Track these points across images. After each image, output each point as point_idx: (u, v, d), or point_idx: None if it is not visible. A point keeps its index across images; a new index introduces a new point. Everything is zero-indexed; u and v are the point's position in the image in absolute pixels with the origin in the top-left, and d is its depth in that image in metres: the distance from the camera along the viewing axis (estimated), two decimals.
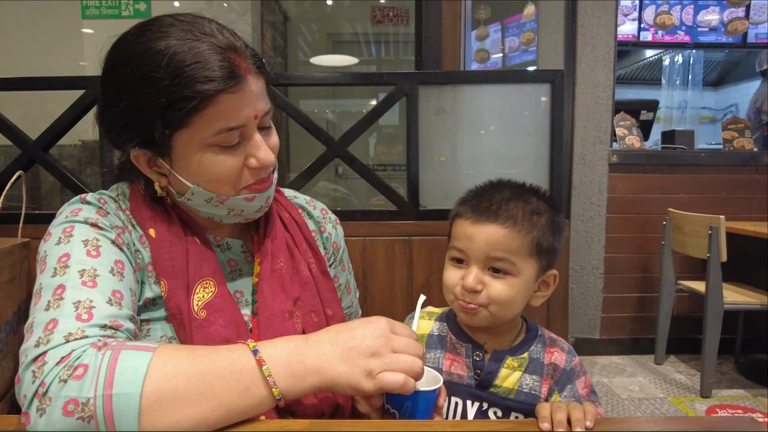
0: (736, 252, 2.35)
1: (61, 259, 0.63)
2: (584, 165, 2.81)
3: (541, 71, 1.27)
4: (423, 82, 1.24)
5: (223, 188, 0.70)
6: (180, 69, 0.62)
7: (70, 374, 0.52)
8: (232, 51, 0.65)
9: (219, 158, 0.67)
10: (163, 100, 0.63)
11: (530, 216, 0.73)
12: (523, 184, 0.79)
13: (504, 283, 0.72)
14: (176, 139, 0.67)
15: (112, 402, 0.51)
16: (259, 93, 0.69)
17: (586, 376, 0.77)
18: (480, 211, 0.73)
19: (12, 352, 1.02)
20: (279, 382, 0.57)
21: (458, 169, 1.33)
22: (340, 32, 4.48)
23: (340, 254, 0.93)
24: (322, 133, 1.25)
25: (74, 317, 0.57)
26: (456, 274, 0.74)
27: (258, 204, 0.74)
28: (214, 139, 0.66)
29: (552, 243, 0.75)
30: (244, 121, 0.67)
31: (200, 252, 0.73)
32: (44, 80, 1.25)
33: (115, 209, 0.73)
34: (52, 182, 3.04)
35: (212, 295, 0.71)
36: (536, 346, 0.77)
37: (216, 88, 0.62)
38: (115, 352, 0.54)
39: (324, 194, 2.29)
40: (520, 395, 0.74)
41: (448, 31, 1.99)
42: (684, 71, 4.77)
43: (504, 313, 0.73)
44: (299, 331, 0.76)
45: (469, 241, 0.73)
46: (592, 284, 2.87)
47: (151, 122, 0.64)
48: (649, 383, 2.52)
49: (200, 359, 0.56)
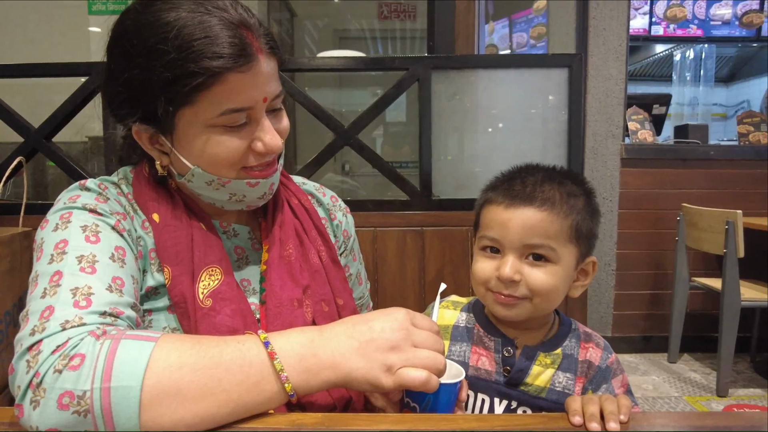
0: (751, 248, 2.29)
1: (58, 245, 0.60)
2: (596, 159, 2.76)
3: (559, 55, 1.22)
4: (436, 67, 1.20)
5: (224, 170, 0.66)
6: (188, 43, 0.58)
7: (65, 364, 0.48)
8: (245, 28, 0.62)
9: (222, 139, 0.64)
10: (167, 75, 0.59)
11: (567, 198, 0.68)
12: (554, 167, 0.74)
13: (544, 271, 0.66)
14: (179, 117, 0.63)
15: (110, 395, 0.47)
16: (270, 74, 0.65)
17: (623, 374, 0.73)
18: (514, 194, 0.68)
19: (12, 344, 0.99)
20: (291, 377, 0.53)
21: (472, 157, 1.29)
22: (347, 28, 4.45)
23: (351, 243, 0.89)
24: (331, 119, 1.21)
25: (71, 304, 0.54)
26: (489, 265, 0.69)
27: (261, 191, 0.70)
28: (219, 119, 0.62)
29: (591, 227, 0.70)
30: (251, 103, 0.63)
31: (206, 238, 0.70)
32: (47, 66, 1.22)
33: (116, 194, 0.70)
34: (58, 175, 3.03)
35: (218, 282, 0.67)
36: (570, 342, 0.73)
37: (224, 66, 0.59)
38: (115, 342, 0.50)
39: (331, 186, 2.25)
40: (552, 394, 0.69)
41: (462, 15, 1.95)
42: (695, 67, 4.69)
43: (547, 304, 0.68)
44: (309, 320, 0.72)
45: (503, 228, 0.67)
46: (603, 281, 2.82)
47: (155, 98, 0.61)
48: (663, 382, 2.47)
49: (206, 351, 0.51)
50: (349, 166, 3.80)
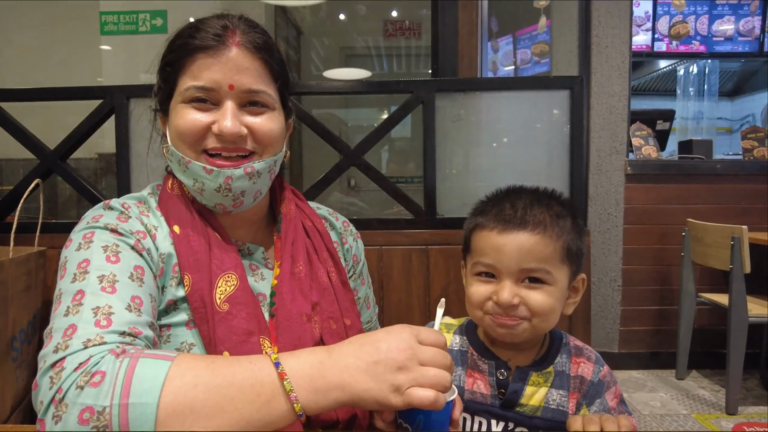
0: (756, 263, 2.29)
1: (80, 264, 0.63)
2: (600, 175, 2.77)
3: (560, 77, 1.25)
4: (440, 89, 1.23)
5: (186, 149, 0.71)
6: (181, 31, 0.73)
7: (87, 381, 0.50)
8: (230, 25, 0.72)
9: (187, 112, 0.71)
10: (167, 58, 0.73)
11: (557, 220, 0.70)
12: (537, 188, 0.75)
13: (542, 292, 0.68)
14: (173, 100, 0.73)
15: (128, 411, 0.49)
16: (246, 68, 0.70)
17: (616, 386, 0.74)
18: (506, 218, 0.69)
19: (26, 362, 1.01)
20: (301, 397, 0.55)
21: (475, 177, 1.31)
22: (352, 46, 4.51)
23: (360, 267, 0.92)
24: (337, 141, 1.24)
25: (93, 323, 0.57)
26: (485, 289, 0.70)
27: (216, 181, 0.70)
28: (186, 94, 0.70)
29: (579, 246, 0.72)
30: (213, 85, 0.69)
31: (221, 246, 0.73)
32: (63, 90, 1.26)
33: (138, 213, 0.73)
34: (69, 193, 3.07)
35: (234, 288, 0.70)
36: (561, 358, 0.74)
37: (194, 45, 0.70)
38: (133, 360, 0.52)
39: (339, 207, 2.28)
40: (547, 412, 0.71)
41: (465, 38, 1.98)
42: (699, 81, 4.71)
43: (545, 324, 0.70)
44: (317, 336, 0.74)
45: (498, 254, 0.68)
46: (609, 297, 2.81)
47: (161, 83, 0.75)
48: (671, 399, 2.45)
49: (220, 370, 0.54)
50: (354, 182, 3.84)
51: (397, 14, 4.34)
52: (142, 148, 1.23)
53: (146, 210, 0.75)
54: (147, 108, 1.19)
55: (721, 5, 3.51)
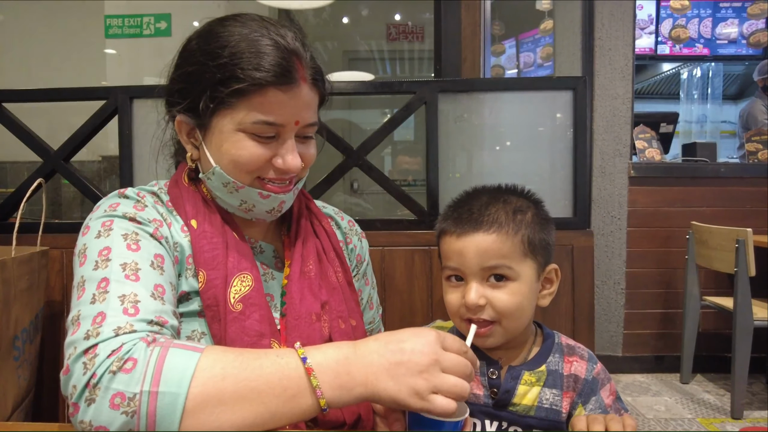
0: (762, 266, 2.27)
1: (101, 252, 0.64)
2: (603, 178, 2.76)
3: (563, 78, 1.25)
4: (442, 90, 1.23)
5: (242, 175, 0.71)
6: (240, 53, 0.67)
7: (119, 366, 0.52)
8: (295, 55, 0.69)
9: (248, 144, 0.69)
10: (217, 75, 0.67)
11: (513, 215, 0.71)
12: (499, 187, 0.78)
13: (506, 291, 0.69)
14: (217, 116, 0.69)
15: (156, 399, 0.50)
16: (308, 103, 0.71)
17: (610, 383, 0.74)
18: (462, 222, 0.72)
19: (28, 361, 1.01)
20: (326, 393, 0.55)
21: (479, 177, 1.30)
22: (355, 50, 4.53)
23: (364, 267, 0.92)
24: (341, 141, 1.24)
25: (121, 311, 0.58)
26: (456, 294, 0.72)
27: (270, 205, 0.74)
28: (251, 126, 0.68)
29: (543, 237, 0.73)
30: (283, 121, 0.69)
31: (239, 246, 0.74)
32: (66, 91, 1.26)
33: (153, 203, 0.74)
34: (73, 196, 3.08)
35: (249, 289, 0.70)
36: (554, 357, 0.74)
37: (266, 79, 0.66)
38: (164, 349, 0.54)
39: (344, 207, 2.27)
40: (540, 411, 0.71)
41: (468, 39, 1.99)
42: (703, 85, 4.70)
43: (516, 323, 0.71)
44: (326, 335, 0.74)
45: (459, 257, 0.71)
46: (613, 300, 2.80)
47: (201, 92, 0.69)
48: (676, 403, 2.43)
49: (248, 363, 0.55)
50: (357, 184, 3.84)
51: (400, 18, 4.35)
52: (145, 149, 1.23)
53: (159, 201, 0.75)
54: (151, 108, 1.20)
55: (724, 8, 3.51)
